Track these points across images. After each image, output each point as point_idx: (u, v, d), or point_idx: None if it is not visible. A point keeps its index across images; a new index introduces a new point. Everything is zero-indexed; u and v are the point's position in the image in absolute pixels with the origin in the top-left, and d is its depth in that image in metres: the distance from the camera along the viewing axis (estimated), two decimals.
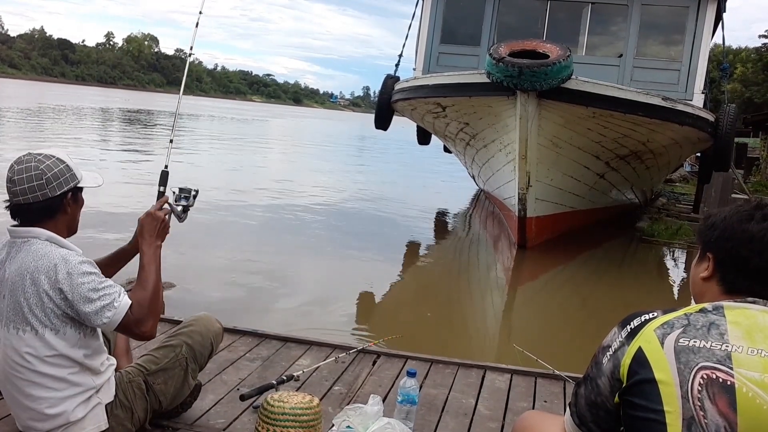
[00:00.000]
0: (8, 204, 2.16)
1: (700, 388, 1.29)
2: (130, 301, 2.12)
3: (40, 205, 2.11)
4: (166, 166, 2.58)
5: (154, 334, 2.23)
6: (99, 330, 2.25)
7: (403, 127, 13.97)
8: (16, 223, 2.17)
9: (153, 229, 2.31)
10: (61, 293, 2.05)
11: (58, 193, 2.13)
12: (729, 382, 1.28)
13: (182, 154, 18.01)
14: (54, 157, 2.16)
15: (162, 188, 2.48)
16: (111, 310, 2.08)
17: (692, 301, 1.56)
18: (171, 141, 2.76)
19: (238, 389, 3.08)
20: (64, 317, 2.09)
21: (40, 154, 2.15)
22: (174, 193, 2.47)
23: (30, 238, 2.13)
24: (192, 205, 2.46)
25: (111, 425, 2.27)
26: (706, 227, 1.53)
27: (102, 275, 2.16)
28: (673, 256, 10.76)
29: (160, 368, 2.48)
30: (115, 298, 2.10)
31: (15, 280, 2.08)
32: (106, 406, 2.26)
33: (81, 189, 2.24)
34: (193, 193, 2.48)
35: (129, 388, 2.37)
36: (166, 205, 2.40)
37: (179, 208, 2.41)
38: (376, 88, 14.43)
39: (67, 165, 2.16)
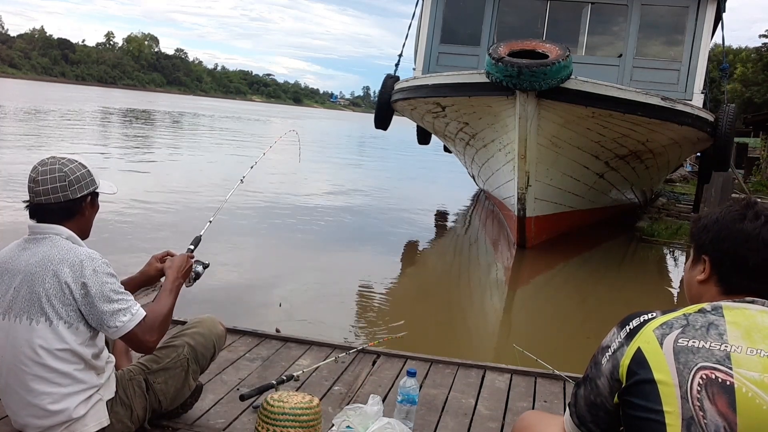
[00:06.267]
0: (28, 203, 2.23)
1: (699, 389, 1.29)
2: (145, 313, 2.19)
3: (59, 206, 2.19)
4: (200, 235, 2.80)
5: (154, 349, 2.31)
6: None
7: (413, 127, 13.95)
8: (34, 221, 2.24)
9: (182, 267, 2.47)
10: (84, 287, 2.10)
11: (79, 195, 2.21)
12: (728, 382, 1.29)
13: (184, 152, 18.01)
14: (77, 161, 2.25)
15: (192, 247, 2.69)
16: (127, 315, 2.14)
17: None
18: (210, 221, 2.92)
19: (238, 389, 3.08)
20: (79, 312, 2.12)
21: (63, 158, 2.23)
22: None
23: (52, 235, 2.19)
24: (200, 276, 2.65)
25: (111, 422, 2.28)
26: (699, 230, 1.53)
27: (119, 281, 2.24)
28: (673, 256, 10.76)
29: (161, 367, 2.50)
30: (132, 305, 2.18)
31: (35, 270, 2.12)
32: (106, 402, 2.28)
33: (98, 194, 2.32)
34: (204, 264, 2.66)
35: (129, 386, 2.39)
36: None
37: (192, 275, 2.59)
38: (376, 87, 14.46)
39: (89, 170, 2.26)
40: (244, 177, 3.30)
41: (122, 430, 2.35)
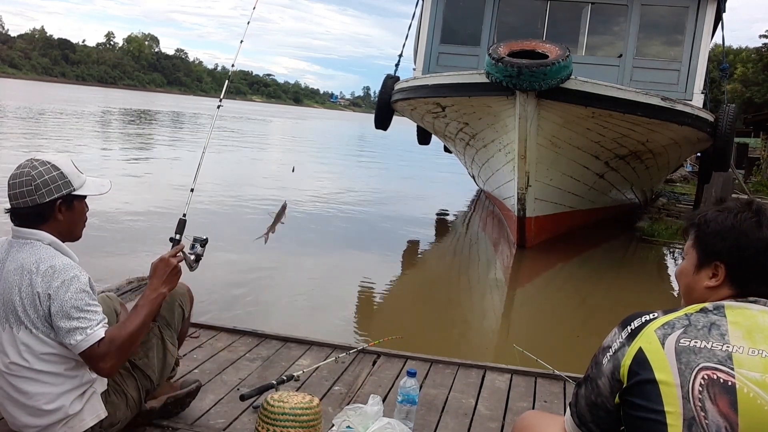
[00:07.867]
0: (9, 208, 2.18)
1: (701, 389, 1.29)
2: (102, 335, 2.07)
3: (30, 211, 2.12)
4: (184, 215, 2.53)
5: (112, 374, 2.22)
6: None
7: (414, 127, 13.94)
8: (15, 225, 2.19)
9: (163, 274, 2.28)
10: (49, 299, 2.06)
11: (48, 200, 2.12)
12: (730, 383, 1.28)
13: (185, 152, 17.98)
14: (49, 163, 2.14)
15: (178, 236, 2.45)
16: (81, 335, 2.05)
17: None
18: (192, 190, 2.70)
19: (238, 389, 3.08)
20: (50, 323, 2.08)
21: (37, 160, 2.14)
22: (188, 240, 2.45)
23: (33, 240, 2.13)
24: (202, 255, 2.44)
25: (109, 412, 2.28)
26: (710, 236, 1.49)
27: (95, 297, 2.15)
28: (673, 256, 10.75)
29: None
30: (91, 326, 2.06)
31: (13, 278, 2.09)
32: (101, 394, 2.27)
33: (79, 197, 2.21)
34: (201, 241, 2.46)
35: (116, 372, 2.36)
36: (180, 254, 2.38)
37: (192, 257, 2.40)
38: (376, 88, 14.43)
39: (62, 172, 2.14)
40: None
41: (121, 418, 2.35)
